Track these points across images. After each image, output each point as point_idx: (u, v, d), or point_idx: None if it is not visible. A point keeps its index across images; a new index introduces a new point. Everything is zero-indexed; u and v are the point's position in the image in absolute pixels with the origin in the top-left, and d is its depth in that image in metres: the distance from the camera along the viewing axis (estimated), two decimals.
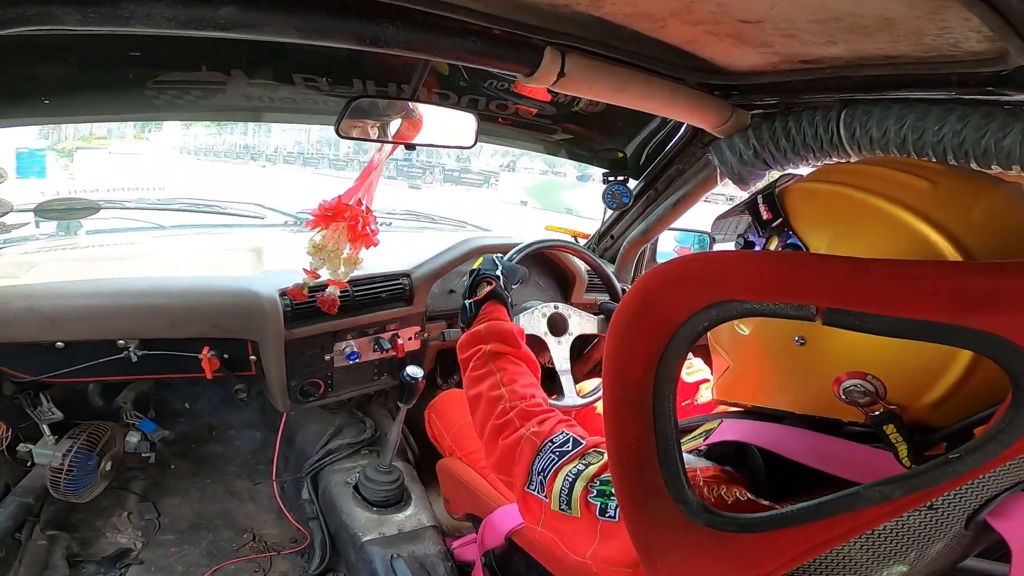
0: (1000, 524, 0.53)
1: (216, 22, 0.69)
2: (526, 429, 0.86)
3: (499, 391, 0.93)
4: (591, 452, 0.78)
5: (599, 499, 0.71)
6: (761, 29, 0.77)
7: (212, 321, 1.41)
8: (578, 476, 0.75)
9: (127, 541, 1.61)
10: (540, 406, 0.91)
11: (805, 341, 0.61)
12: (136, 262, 1.62)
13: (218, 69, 1.31)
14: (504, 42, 0.86)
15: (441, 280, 1.67)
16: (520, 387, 0.94)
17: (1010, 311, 0.43)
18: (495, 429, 0.90)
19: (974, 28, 0.60)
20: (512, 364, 0.99)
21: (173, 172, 12.31)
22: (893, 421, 0.56)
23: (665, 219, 1.69)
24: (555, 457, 0.79)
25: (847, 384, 0.58)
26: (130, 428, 1.73)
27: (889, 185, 0.59)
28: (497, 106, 1.56)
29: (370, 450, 1.78)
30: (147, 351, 1.41)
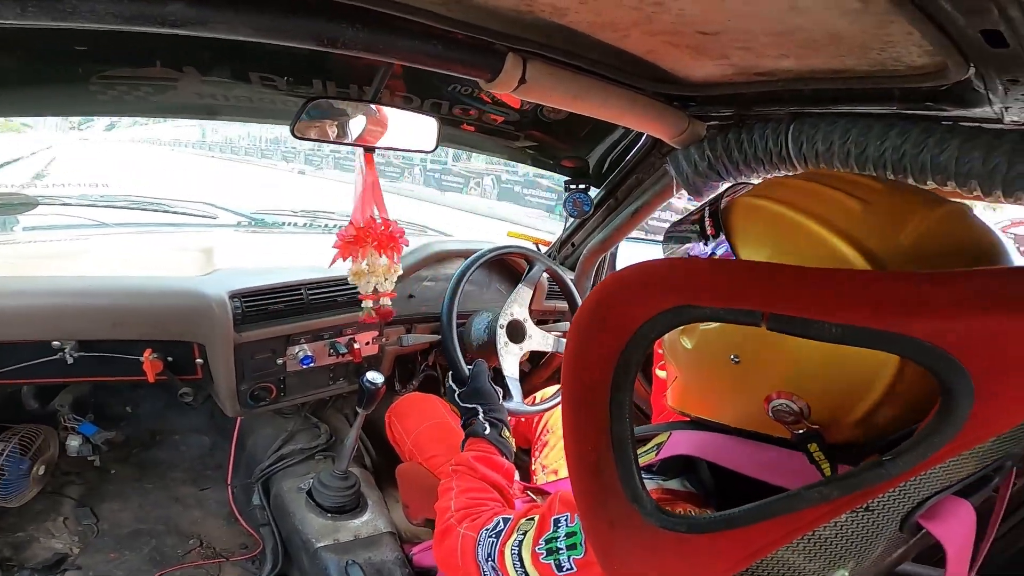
0: (933, 526, 0.55)
1: (164, 19, 0.67)
2: (461, 528, 0.94)
3: (448, 503, 1.03)
4: (522, 522, 0.84)
5: (550, 558, 0.75)
6: (718, 41, 0.79)
7: (154, 323, 1.36)
8: (521, 546, 0.80)
9: (63, 547, 1.54)
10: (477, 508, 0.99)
11: (740, 360, 0.62)
12: (76, 261, 1.54)
13: (171, 66, 1.26)
14: (466, 47, 0.85)
15: (400, 285, 1.65)
16: (466, 499, 1.03)
17: (939, 318, 0.46)
18: (439, 535, 0.99)
19: (916, 43, 0.63)
20: (469, 480, 1.08)
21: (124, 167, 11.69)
22: (816, 440, 0.57)
23: (624, 228, 1.71)
24: (494, 539, 0.85)
25: (775, 403, 0.60)
26: (69, 432, 1.66)
27: (823, 205, 0.60)
28: (460, 111, 1.56)
29: (325, 455, 1.73)
30: (85, 352, 1.34)
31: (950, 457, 0.50)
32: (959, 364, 0.45)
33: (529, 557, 0.78)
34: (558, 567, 0.74)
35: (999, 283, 0.49)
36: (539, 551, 0.76)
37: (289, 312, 1.49)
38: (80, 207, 1.93)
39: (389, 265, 1.31)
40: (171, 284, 1.42)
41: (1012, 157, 0.69)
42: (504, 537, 0.84)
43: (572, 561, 0.73)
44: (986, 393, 0.46)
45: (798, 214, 0.60)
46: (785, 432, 0.60)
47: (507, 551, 0.82)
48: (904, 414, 0.56)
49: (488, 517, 0.92)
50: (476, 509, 0.98)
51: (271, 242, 2.10)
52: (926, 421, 0.48)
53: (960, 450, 0.50)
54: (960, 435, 0.47)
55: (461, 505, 1.01)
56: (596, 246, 1.80)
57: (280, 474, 1.66)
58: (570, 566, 0.73)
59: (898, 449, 0.48)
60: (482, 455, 1.13)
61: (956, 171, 0.73)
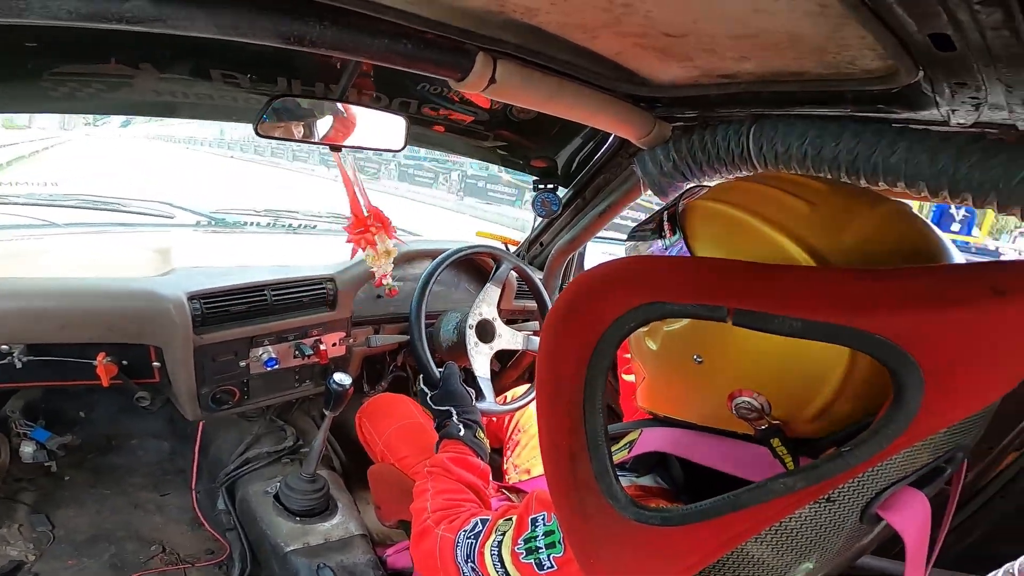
0: (890, 516, 0.58)
1: (123, 16, 0.64)
2: (439, 530, 0.94)
3: (424, 504, 1.03)
4: (500, 523, 0.84)
5: (530, 557, 0.76)
6: (684, 43, 0.81)
7: (108, 325, 1.31)
8: (500, 546, 0.80)
9: (18, 554, 1.48)
10: (454, 509, 1.00)
11: (702, 360, 0.64)
12: (23, 262, 1.47)
13: (126, 62, 1.21)
14: (436, 46, 0.85)
15: (368, 285, 1.63)
16: (443, 500, 1.03)
17: (887, 312, 0.48)
18: (416, 536, 0.99)
19: (869, 46, 0.66)
20: (445, 482, 1.08)
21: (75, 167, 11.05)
22: (777, 435, 0.60)
23: (592, 228, 1.73)
24: (472, 541, 0.86)
25: (738, 401, 0.62)
26: (22, 438, 1.59)
27: (774, 208, 0.62)
28: (429, 110, 1.55)
29: (292, 459, 1.71)
30: (34, 356, 1.27)
31: (905, 448, 0.53)
32: (910, 357, 0.47)
33: (509, 557, 0.78)
34: (539, 566, 0.75)
35: (946, 279, 0.52)
36: (519, 551, 0.77)
37: (252, 313, 1.45)
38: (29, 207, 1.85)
39: (390, 248, 1.43)
40: (125, 285, 1.37)
41: (958, 159, 0.72)
42: (483, 538, 0.84)
43: (552, 560, 0.74)
44: (936, 385, 0.48)
45: (750, 216, 0.63)
46: (749, 428, 0.62)
47: (487, 552, 0.82)
48: (858, 408, 0.59)
49: (465, 518, 0.92)
50: (453, 510, 0.99)
51: (233, 242, 2.05)
52: (881, 413, 0.51)
53: (913, 441, 0.52)
54: (913, 426, 0.49)
55: (438, 506, 1.00)
56: (564, 246, 1.81)
57: (246, 478, 1.63)
58: (551, 564, 0.74)
59: (856, 440, 0.50)
60: (457, 456, 1.12)
61: (905, 172, 0.76)
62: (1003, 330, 0.50)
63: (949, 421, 0.54)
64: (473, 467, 1.12)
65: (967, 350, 0.49)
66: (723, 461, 0.63)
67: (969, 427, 0.61)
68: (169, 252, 1.60)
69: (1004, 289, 0.49)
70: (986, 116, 0.69)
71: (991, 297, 0.49)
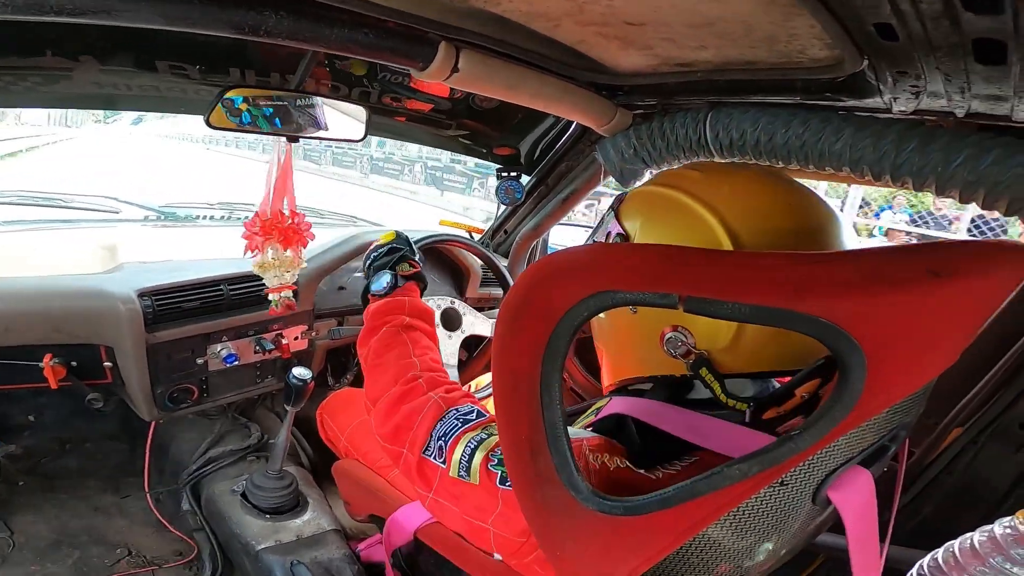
0: (835, 495, 0.60)
1: (62, 8, 0.61)
2: (434, 394, 0.85)
3: (410, 360, 0.91)
4: (494, 424, 0.78)
5: (500, 467, 0.73)
6: (644, 32, 0.82)
7: (54, 325, 1.25)
8: (480, 444, 0.76)
9: None
10: (448, 378, 0.91)
11: (636, 310, 0.73)
12: None
13: (64, 55, 1.15)
14: (397, 35, 0.83)
15: (329, 277, 1.60)
16: (431, 360, 0.93)
17: (830, 296, 0.50)
18: (399, 395, 0.87)
19: (817, 36, 0.68)
20: (425, 340, 0.97)
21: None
22: (704, 364, 0.68)
23: (555, 214, 1.74)
24: (458, 423, 0.80)
25: (668, 336, 0.69)
26: None
27: (678, 178, 0.76)
28: (390, 99, 1.52)
29: (257, 456, 1.67)
30: None
31: (851, 429, 0.55)
32: (853, 340, 0.49)
33: (480, 459, 0.75)
34: (502, 480, 0.72)
35: (884, 262, 0.54)
36: (492, 457, 0.74)
37: (207, 309, 1.41)
38: None
39: (293, 258, 1.29)
40: (69, 283, 1.31)
41: (900, 145, 0.75)
42: (469, 428, 0.79)
43: None
44: (878, 366, 0.50)
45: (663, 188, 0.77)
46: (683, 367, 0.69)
47: (463, 440, 0.77)
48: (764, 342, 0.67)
49: (460, 396, 0.86)
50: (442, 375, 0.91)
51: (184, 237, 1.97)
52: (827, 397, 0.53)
53: (859, 421, 0.54)
54: (858, 407, 0.51)
55: (427, 367, 0.91)
56: (528, 232, 1.82)
57: (210, 477, 1.58)
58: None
59: (805, 423, 0.53)
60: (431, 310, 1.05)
61: (850, 158, 0.79)
62: (939, 310, 0.52)
63: (892, 400, 0.57)
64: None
65: (906, 330, 0.51)
66: (675, 426, 0.67)
67: (910, 405, 0.64)
68: (116, 248, 1.54)
69: (939, 271, 0.51)
70: (926, 103, 0.72)
71: (928, 279, 0.51)
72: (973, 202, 0.74)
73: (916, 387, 0.60)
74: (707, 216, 0.70)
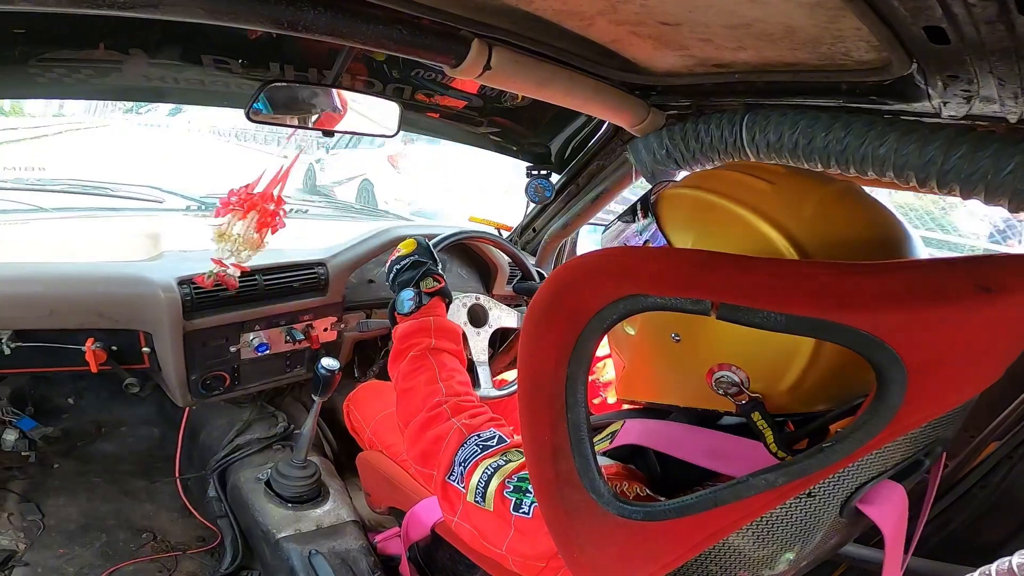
0: (870, 510, 0.58)
1: (115, 1, 0.63)
2: (457, 420, 0.87)
3: (436, 385, 0.93)
4: (513, 450, 0.80)
5: (514, 495, 0.74)
6: (679, 32, 0.80)
7: (97, 310, 1.30)
8: (496, 470, 0.77)
9: (9, 543, 1.47)
10: (474, 403, 0.92)
11: (680, 338, 0.65)
12: (11, 247, 1.45)
13: (116, 48, 1.19)
14: (431, 32, 0.84)
15: (360, 270, 1.62)
16: (457, 384, 0.94)
17: (873, 308, 0.48)
18: (426, 421, 0.89)
19: (864, 38, 0.66)
20: (452, 361, 0.99)
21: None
22: (758, 408, 0.60)
23: (585, 214, 1.73)
24: (478, 449, 0.81)
25: (717, 375, 0.62)
26: (6, 426, 1.58)
27: (737, 188, 0.66)
28: (423, 96, 1.53)
29: (283, 445, 1.70)
30: (22, 343, 1.27)
31: (886, 443, 0.53)
32: (894, 353, 0.47)
33: (496, 485, 0.76)
34: (516, 506, 0.73)
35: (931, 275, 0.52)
36: (508, 484, 0.75)
37: (242, 298, 1.44)
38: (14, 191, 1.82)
39: (259, 240, 1.31)
40: (113, 270, 1.36)
41: (947, 150, 0.72)
42: (489, 453, 0.80)
43: (533, 510, 0.72)
44: (919, 381, 0.48)
45: (718, 197, 0.66)
46: (730, 405, 0.63)
47: (482, 466, 0.79)
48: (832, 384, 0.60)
49: (484, 422, 0.87)
50: (468, 399, 0.92)
51: None
52: (863, 408, 0.51)
53: (895, 436, 0.52)
54: (894, 421, 0.49)
55: (453, 392, 0.92)
56: (557, 231, 1.81)
57: (236, 465, 1.62)
58: (527, 511, 0.72)
59: (838, 435, 0.51)
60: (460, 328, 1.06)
61: (894, 163, 0.77)
62: (987, 327, 0.50)
63: (931, 415, 0.54)
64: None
65: (951, 346, 0.49)
66: (700, 455, 0.63)
67: (950, 420, 0.61)
68: (159, 237, 1.59)
69: (990, 286, 0.49)
70: (977, 109, 0.69)
71: (977, 293, 0.49)
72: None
73: (957, 403, 0.57)
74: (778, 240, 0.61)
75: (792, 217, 0.61)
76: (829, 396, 0.62)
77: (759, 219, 0.62)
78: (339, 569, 1.32)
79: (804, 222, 0.61)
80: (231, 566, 1.49)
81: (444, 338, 1.01)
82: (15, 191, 1.83)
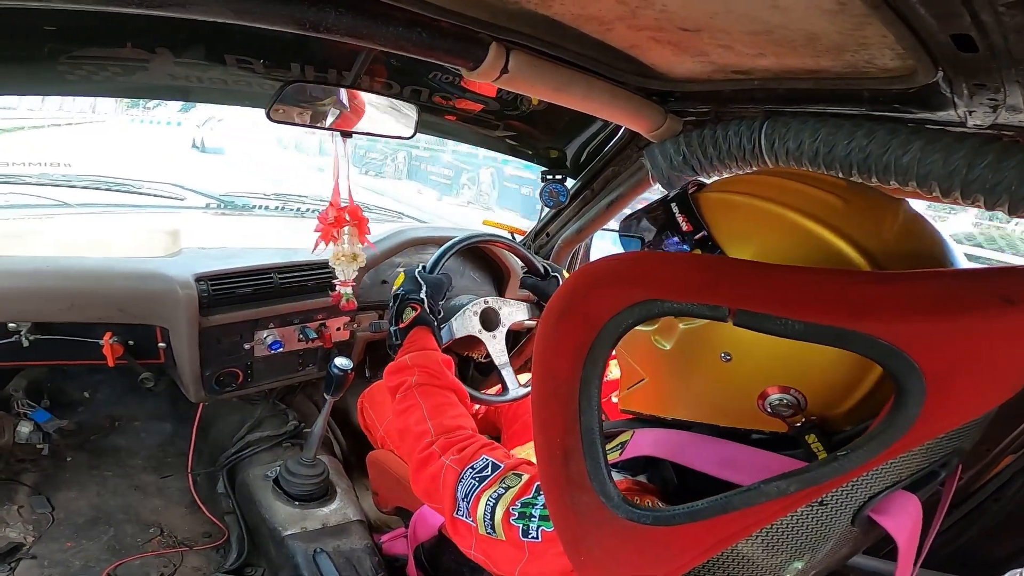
0: (884, 520, 0.57)
1: (143, 0, 0.65)
2: (447, 458, 0.89)
3: (424, 425, 0.96)
4: (509, 475, 0.82)
5: (520, 522, 0.75)
6: (699, 38, 0.80)
7: (116, 305, 1.32)
8: (498, 500, 0.79)
9: (17, 535, 1.49)
10: (462, 434, 0.94)
11: (731, 357, 0.62)
12: (34, 241, 1.48)
13: (143, 47, 1.21)
14: (450, 35, 0.84)
15: (373, 271, 1.63)
16: (446, 419, 0.96)
17: (893, 317, 0.47)
18: (420, 462, 0.93)
19: (889, 45, 0.65)
20: (437, 395, 1.01)
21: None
22: (814, 431, 0.58)
23: (599, 219, 1.72)
24: (475, 483, 0.83)
25: (773, 398, 0.60)
26: (22, 418, 1.59)
27: (805, 200, 0.62)
28: (440, 99, 1.54)
29: (293, 443, 1.71)
30: (41, 335, 1.29)
31: (902, 453, 0.52)
32: (912, 362, 0.46)
33: (502, 514, 0.77)
34: (524, 533, 0.73)
35: (953, 285, 0.51)
36: (513, 511, 0.76)
37: (258, 296, 1.46)
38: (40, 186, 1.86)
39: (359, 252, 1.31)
40: (133, 265, 1.38)
41: (972, 160, 0.71)
42: (487, 485, 0.82)
43: (540, 532, 0.72)
44: (938, 391, 0.47)
45: (784, 208, 0.61)
46: (780, 426, 0.61)
47: (484, 499, 0.80)
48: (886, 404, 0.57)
49: (475, 451, 0.89)
50: (457, 435, 0.94)
51: (241, 225, 2.05)
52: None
53: (912, 446, 0.52)
54: (911, 431, 0.48)
55: (441, 429, 0.95)
56: (571, 236, 1.80)
57: (246, 461, 1.64)
58: (536, 535, 0.73)
59: (853, 444, 0.50)
60: (443, 357, 1.07)
61: (918, 172, 0.75)
62: (1009, 338, 0.49)
63: (948, 427, 0.54)
64: (450, 364, 1.07)
65: (971, 357, 0.49)
66: (716, 465, 0.62)
67: (967, 432, 0.60)
68: (178, 233, 1.61)
69: (1013, 298, 0.48)
70: (1003, 118, 0.68)
71: (1000, 305, 0.48)
72: None
73: (975, 415, 0.56)
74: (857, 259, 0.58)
75: (871, 236, 0.59)
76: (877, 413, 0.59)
77: (834, 235, 0.59)
78: (343, 568, 1.32)
79: (883, 242, 0.59)
80: (236, 562, 1.50)
81: (425, 372, 1.04)
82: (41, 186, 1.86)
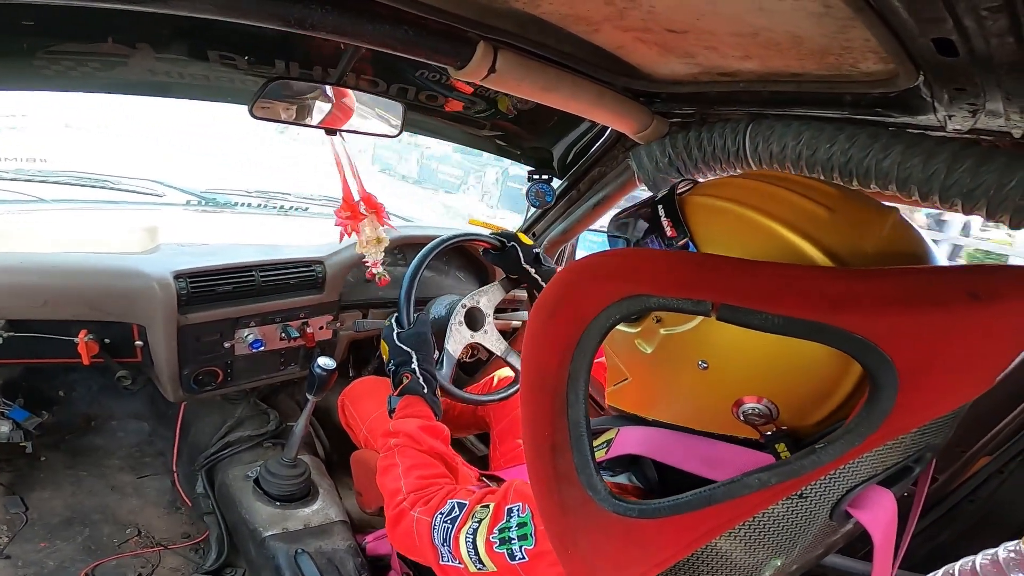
0: (860, 515, 0.58)
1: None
2: (415, 512, 0.94)
3: (397, 484, 1.01)
4: (477, 509, 0.85)
5: (503, 547, 0.78)
6: (686, 39, 0.81)
7: (91, 302, 1.29)
8: (475, 534, 0.82)
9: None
10: (429, 487, 0.99)
11: (708, 366, 0.62)
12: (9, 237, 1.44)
13: (123, 42, 1.19)
14: (437, 33, 0.84)
15: (357, 268, 1.62)
16: (416, 478, 1.01)
17: (868, 312, 0.49)
18: (393, 519, 0.98)
19: (872, 49, 0.66)
20: (415, 456, 1.05)
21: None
22: (784, 440, 0.59)
23: (585, 220, 1.73)
24: (449, 526, 0.87)
25: (747, 407, 0.60)
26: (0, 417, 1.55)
27: (791, 211, 0.61)
28: (427, 97, 1.53)
29: (274, 443, 1.69)
30: (15, 333, 1.26)
31: (876, 446, 0.54)
32: (886, 357, 0.48)
33: (483, 545, 0.80)
34: (511, 556, 0.76)
35: (923, 281, 0.52)
36: (493, 540, 0.79)
37: (239, 294, 1.43)
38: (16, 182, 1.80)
39: (382, 234, 1.38)
40: (109, 262, 1.35)
41: (951, 165, 0.72)
42: (460, 523, 0.85)
43: (524, 551, 0.75)
44: (911, 385, 0.49)
45: (769, 220, 0.61)
46: (752, 433, 0.62)
47: (462, 537, 0.83)
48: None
49: (441, 499, 0.92)
50: (427, 490, 0.98)
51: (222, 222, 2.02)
52: (856, 411, 0.51)
53: (886, 439, 0.53)
54: (886, 424, 0.50)
55: (412, 487, 0.99)
56: (557, 236, 1.81)
57: (226, 462, 1.61)
58: (522, 556, 0.75)
59: (830, 437, 0.51)
60: (425, 424, 1.09)
61: (898, 176, 0.77)
62: (978, 333, 0.51)
63: (921, 421, 0.55)
64: (438, 432, 1.09)
65: (942, 352, 0.50)
66: (698, 463, 0.62)
67: (940, 427, 0.62)
68: (156, 230, 1.58)
69: (979, 293, 0.49)
70: (982, 123, 0.70)
71: (967, 301, 0.49)
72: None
73: (948, 409, 0.57)
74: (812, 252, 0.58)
75: (851, 249, 0.58)
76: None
77: (817, 250, 0.58)
78: (326, 569, 1.31)
79: (863, 257, 0.58)
80: (215, 563, 1.48)
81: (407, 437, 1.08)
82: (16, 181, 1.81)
